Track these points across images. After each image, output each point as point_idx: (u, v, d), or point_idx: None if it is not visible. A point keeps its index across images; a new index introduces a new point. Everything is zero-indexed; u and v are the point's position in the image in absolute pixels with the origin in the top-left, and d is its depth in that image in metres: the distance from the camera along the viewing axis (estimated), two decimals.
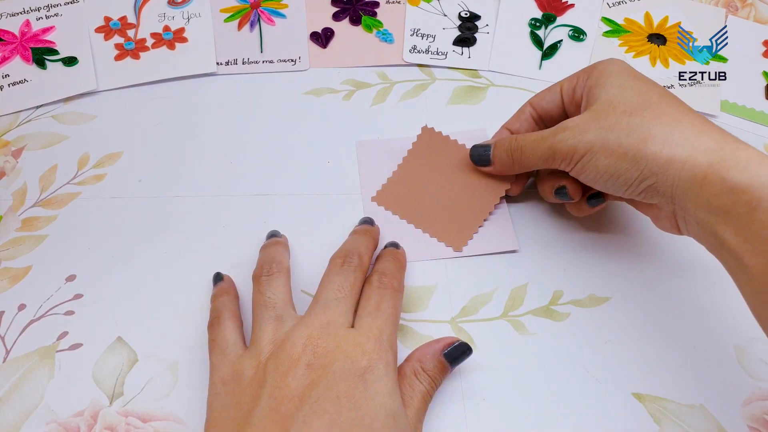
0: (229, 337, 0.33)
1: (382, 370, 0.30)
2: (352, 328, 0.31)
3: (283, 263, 0.36)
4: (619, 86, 0.34)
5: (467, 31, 0.52)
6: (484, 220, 0.41)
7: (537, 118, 0.40)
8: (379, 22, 0.53)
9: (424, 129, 0.44)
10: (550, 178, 0.38)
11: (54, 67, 0.49)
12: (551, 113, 0.39)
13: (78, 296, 0.38)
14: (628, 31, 0.52)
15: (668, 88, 0.49)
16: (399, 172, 0.43)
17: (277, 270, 0.35)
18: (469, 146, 0.42)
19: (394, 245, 0.38)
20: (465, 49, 0.51)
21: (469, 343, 0.34)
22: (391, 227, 0.40)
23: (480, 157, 0.40)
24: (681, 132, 0.31)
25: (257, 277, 0.35)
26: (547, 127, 0.40)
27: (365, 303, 0.33)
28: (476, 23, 0.53)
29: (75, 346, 0.36)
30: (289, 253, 0.38)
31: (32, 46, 0.50)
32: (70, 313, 0.37)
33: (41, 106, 0.47)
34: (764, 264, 0.28)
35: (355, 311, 0.33)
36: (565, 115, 0.39)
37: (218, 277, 0.37)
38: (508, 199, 0.42)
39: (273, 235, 0.39)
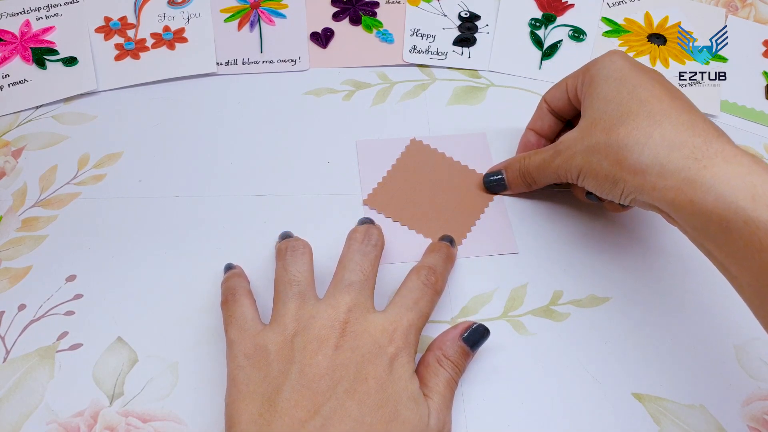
0: (247, 312, 0.33)
1: (405, 358, 0.31)
2: (379, 312, 0.32)
3: (306, 243, 0.36)
4: (603, 98, 0.34)
5: (467, 31, 0.52)
6: (477, 220, 0.41)
7: (555, 113, 0.41)
8: (379, 22, 0.53)
9: (413, 141, 0.45)
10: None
11: (54, 67, 0.49)
12: (564, 109, 0.40)
13: (78, 296, 0.38)
14: (628, 31, 0.52)
15: None
16: (389, 178, 0.43)
17: (302, 246, 0.36)
18: (461, 156, 0.44)
19: (450, 240, 0.39)
20: (465, 49, 0.51)
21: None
22: (385, 229, 0.40)
23: (495, 185, 0.42)
24: (650, 150, 0.31)
25: (281, 253, 0.36)
26: (565, 120, 0.41)
27: (406, 293, 0.34)
28: (476, 23, 0.53)
29: (75, 346, 0.36)
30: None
31: (32, 46, 0.50)
32: (70, 313, 0.37)
33: (41, 106, 0.47)
34: (749, 276, 0.29)
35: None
36: (575, 111, 0.40)
37: (230, 266, 0.38)
38: (508, 199, 0.42)
39: (287, 235, 0.39)
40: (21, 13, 0.52)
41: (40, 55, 0.49)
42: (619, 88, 0.34)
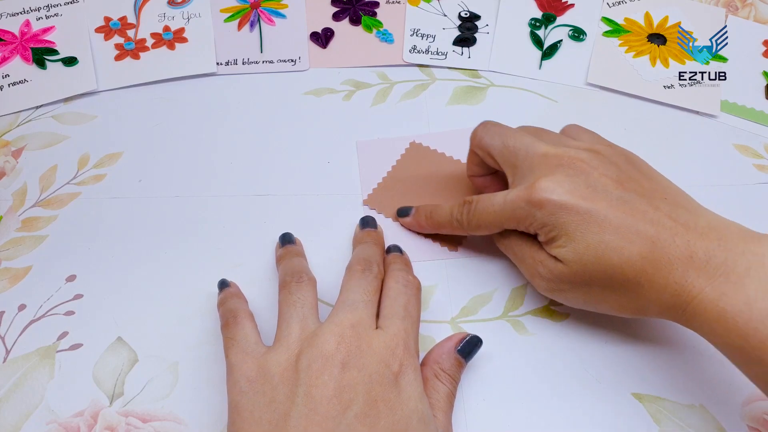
0: (250, 334, 0.32)
1: (412, 374, 0.30)
2: (379, 330, 0.31)
3: (310, 275, 0.35)
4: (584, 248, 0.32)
5: (467, 31, 0.52)
6: None
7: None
8: (379, 22, 0.53)
9: (412, 144, 0.45)
10: None
11: (54, 67, 0.49)
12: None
13: (78, 296, 0.38)
14: (628, 31, 0.52)
15: (668, 88, 0.49)
16: (389, 178, 0.43)
17: (307, 279, 0.35)
18: (461, 154, 0.43)
19: (398, 250, 0.38)
20: (465, 49, 0.51)
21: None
22: (385, 229, 0.40)
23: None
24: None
25: (286, 284, 0.34)
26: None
27: (392, 303, 0.33)
28: (476, 23, 0.53)
29: (75, 346, 0.36)
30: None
31: (32, 46, 0.50)
32: (70, 313, 0.37)
33: (41, 106, 0.47)
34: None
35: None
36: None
37: (224, 283, 0.37)
38: None
39: (288, 240, 0.39)
40: (21, 13, 0.52)
41: (40, 55, 0.49)
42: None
